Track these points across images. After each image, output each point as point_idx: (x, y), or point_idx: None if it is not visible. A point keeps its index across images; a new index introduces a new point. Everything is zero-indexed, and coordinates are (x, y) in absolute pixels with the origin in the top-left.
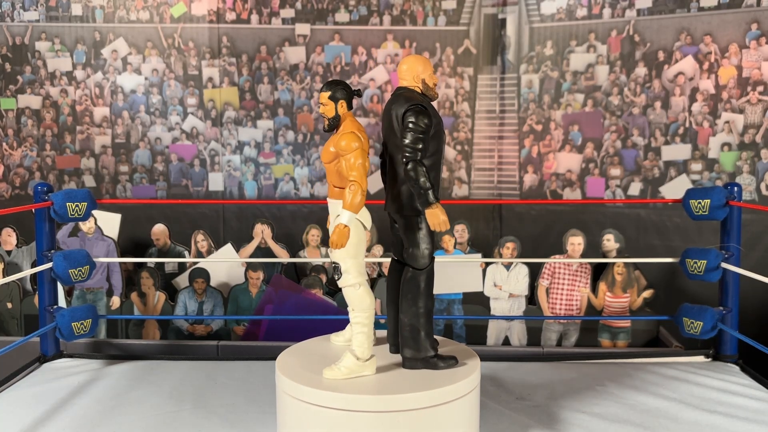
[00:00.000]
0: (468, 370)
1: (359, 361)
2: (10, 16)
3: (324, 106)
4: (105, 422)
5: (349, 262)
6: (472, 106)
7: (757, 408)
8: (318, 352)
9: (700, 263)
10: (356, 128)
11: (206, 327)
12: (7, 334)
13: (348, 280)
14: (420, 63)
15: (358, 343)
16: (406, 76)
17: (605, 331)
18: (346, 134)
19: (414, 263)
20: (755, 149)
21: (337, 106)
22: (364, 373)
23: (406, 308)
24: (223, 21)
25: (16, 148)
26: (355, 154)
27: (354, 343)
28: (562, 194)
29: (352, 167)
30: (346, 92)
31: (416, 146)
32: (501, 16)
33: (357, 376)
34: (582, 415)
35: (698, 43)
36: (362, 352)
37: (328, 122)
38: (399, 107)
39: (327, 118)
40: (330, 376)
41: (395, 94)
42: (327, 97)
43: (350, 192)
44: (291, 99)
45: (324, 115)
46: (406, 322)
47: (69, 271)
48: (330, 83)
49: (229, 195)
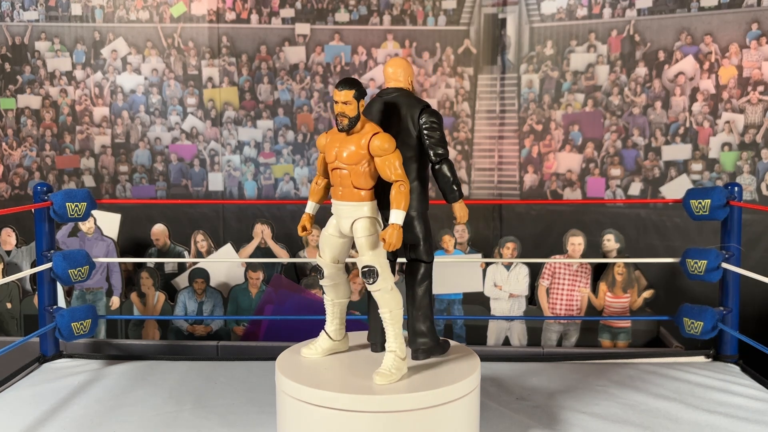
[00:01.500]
0: (468, 371)
1: (402, 360)
2: (10, 15)
3: (346, 105)
4: (105, 422)
5: (383, 263)
6: (472, 106)
7: (757, 408)
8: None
9: (701, 263)
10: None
11: (206, 327)
12: (6, 334)
13: (385, 283)
14: (410, 66)
15: (399, 343)
16: (401, 78)
17: (605, 332)
18: (381, 135)
19: (426, 257)
20: (755, 149)
21: (359, 104)
22: (404, 371)
23: (421, 301)
24: (222, 21)
25: (15, 148)
26: (396, 154)
27: (394, 343)
28: (562, 194)
29: (397, 167)
30: (363, 91)
31: (445, 144)
32: (501, 16)
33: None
34: (582, 415)
35: (698, 43)
36: (402, 350)
37: (348, 122)
38: (413, 108)
39: (348, 118)
40: (386, 382)
41: (401, 95)
42: (352, 96)
43: (401, 192)
44: (291, 99)
45: (344, 114)
46: (421, 314)
47: (68, 271)
48: (352, 81)
49: (229, 195)
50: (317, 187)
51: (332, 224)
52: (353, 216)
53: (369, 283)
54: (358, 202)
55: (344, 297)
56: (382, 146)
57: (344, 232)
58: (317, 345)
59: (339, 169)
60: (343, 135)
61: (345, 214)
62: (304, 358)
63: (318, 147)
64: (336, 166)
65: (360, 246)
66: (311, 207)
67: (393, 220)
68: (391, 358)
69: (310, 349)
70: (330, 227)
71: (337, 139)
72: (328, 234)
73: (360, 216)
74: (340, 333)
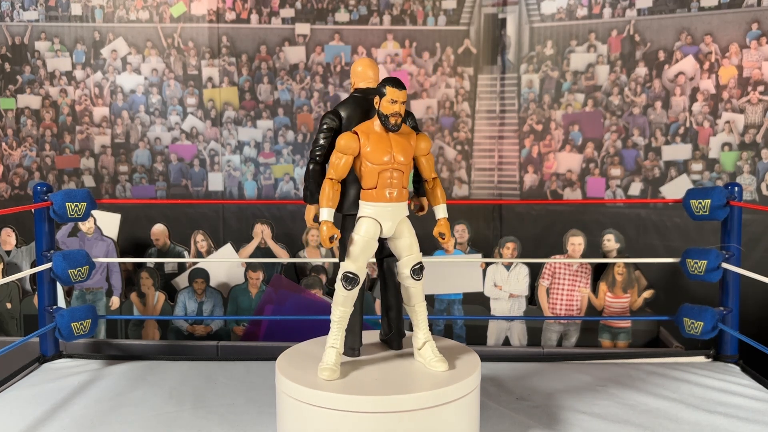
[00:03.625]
0: (468, 371)
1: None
2: (10, 15)
3: (403, 104)
4: (105, 422)
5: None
6: (472, 106)
7: (757, 408)
8: (318, 353)
9: (701, 263)
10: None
11: (206, 327)
12: (6, 334)
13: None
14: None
15: (428, 329)
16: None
17: (605, 332)
18: (423, 135)
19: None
20: (756, 149)
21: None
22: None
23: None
24: (222, 21)
25: (15, 148)
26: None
27: (427, 332)
28: (562, 194)
29: (433, 165)
30: None
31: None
32: (501, 16)
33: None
34: (582, 415)
35: (699, 43)
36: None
37: (402, 121)
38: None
39: (402, 117)
40: (444, 368)
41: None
42: (405, 95)
43: (440, 188)
44: (291, 99)
45: (400, 113)
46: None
47: (68, 271)
48: (401, 81)
49: (228, 195)
50: (336, 193)
51: (373, 228)
52: (401, 216)
53: (418, 278)
54: (405, 202)
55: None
56: (428, 146)
57: (387, 234)
58: (335, 364)
59: (395, 170)
60: (388, 135)
61: (395, 215)
62: (304, 359)
63: (346, 149)
64: (393, 167)
65: (410, 245)
66: (331, 214)
67: (443, 215)
68: (432, 346)
69: (333, 372)
70: (371, 231)
71: (382, 140)
72: (369, 238)
73: (405, 215)
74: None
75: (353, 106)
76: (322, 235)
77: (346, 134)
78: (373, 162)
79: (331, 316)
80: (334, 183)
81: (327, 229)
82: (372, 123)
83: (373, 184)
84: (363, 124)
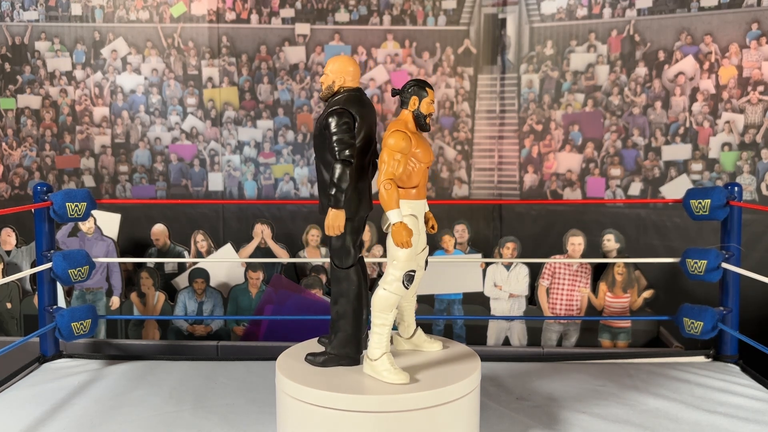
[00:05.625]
0: (468, 371)
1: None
2: (10, 15)
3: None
4: (105, 422)
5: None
6: (472, 106)
7: (757, 408)
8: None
9: (701, 263)
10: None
11: (206, 327)
12: (6, 334)
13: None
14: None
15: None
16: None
17: (605, 332)
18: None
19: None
20: (756, 149)
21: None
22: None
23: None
24: (222, 21)
25: (15, 148)
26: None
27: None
28: (562, 194)
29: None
30: None
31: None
32: (501, 16)
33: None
34: (582, 415)
35: (698, 43)
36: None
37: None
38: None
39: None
40: (438, 347)
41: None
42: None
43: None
44: (291, 99)
45: (432, 114)
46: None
47: (68, 271)
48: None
49: (228, 195)
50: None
51: (418, 226)
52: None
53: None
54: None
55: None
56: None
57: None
58: (395, 366)
59: (428, 168)
60: (420, 134)
61: (423, 211)
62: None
63: (406, 149)
64: (430, 165)
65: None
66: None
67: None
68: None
69: (401, 373)
70: (416, 229)
71: (423, 139)
72: (416, 235)
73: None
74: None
75: (359, 105)
76: (402, 237)
77: (401, 134)
78: (421, 161)
79: (374, 322)
80: (395, 183)
81: (407, 231)
82: (405, 122)
83: (417, 182)
84: (401, 124)
